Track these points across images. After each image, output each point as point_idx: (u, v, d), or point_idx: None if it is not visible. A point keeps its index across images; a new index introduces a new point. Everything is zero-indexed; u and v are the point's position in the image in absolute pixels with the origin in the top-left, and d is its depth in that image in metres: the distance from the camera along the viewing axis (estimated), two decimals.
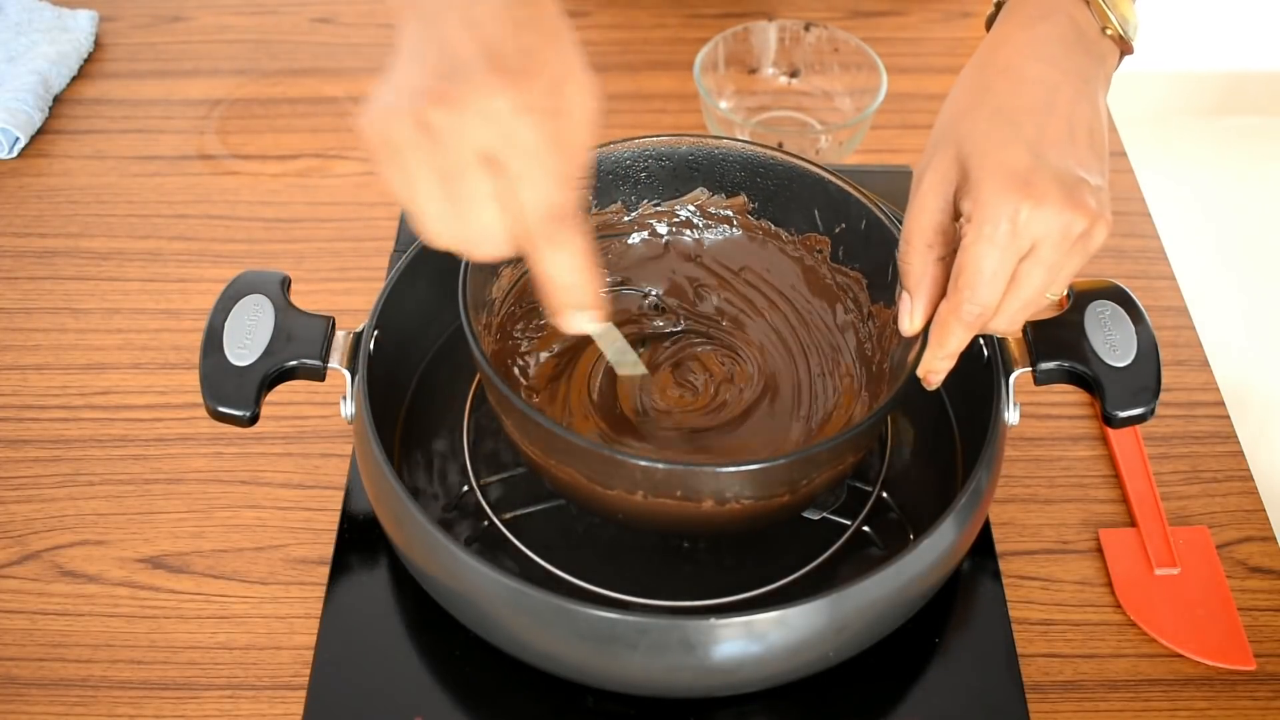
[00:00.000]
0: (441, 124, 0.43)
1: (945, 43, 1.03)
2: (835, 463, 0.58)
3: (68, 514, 0.70)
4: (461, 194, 0.45)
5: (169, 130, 0.94)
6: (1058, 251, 0.52)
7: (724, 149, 0.68)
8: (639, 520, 0.62)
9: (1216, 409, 0.76)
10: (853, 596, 0.55)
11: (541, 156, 0.44)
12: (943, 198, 0.55)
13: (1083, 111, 0.55)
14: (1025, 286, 0.53)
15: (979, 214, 0.52)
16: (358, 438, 0.62)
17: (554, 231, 0.47)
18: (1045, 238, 0.52)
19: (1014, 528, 0.70)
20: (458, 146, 0.44)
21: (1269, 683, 0.64)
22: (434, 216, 0.46)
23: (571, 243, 0.47)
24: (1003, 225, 0.51)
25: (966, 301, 0.53)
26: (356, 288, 0.82)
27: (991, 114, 0.54)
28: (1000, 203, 0.51)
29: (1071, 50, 0.56)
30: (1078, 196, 0.51)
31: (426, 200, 0.46)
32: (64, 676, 0.63)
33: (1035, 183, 0.51)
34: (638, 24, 1.04)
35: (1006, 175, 0.52)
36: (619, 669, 0.56)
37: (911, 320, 0.57)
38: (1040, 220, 0.51)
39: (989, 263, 0.52)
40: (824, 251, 0.69)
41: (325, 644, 0.63)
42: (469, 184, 0.45)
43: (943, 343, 0.55)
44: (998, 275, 0.52)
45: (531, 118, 0.44)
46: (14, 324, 0.80)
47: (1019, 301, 0.54)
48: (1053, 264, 0.53)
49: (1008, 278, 0.53)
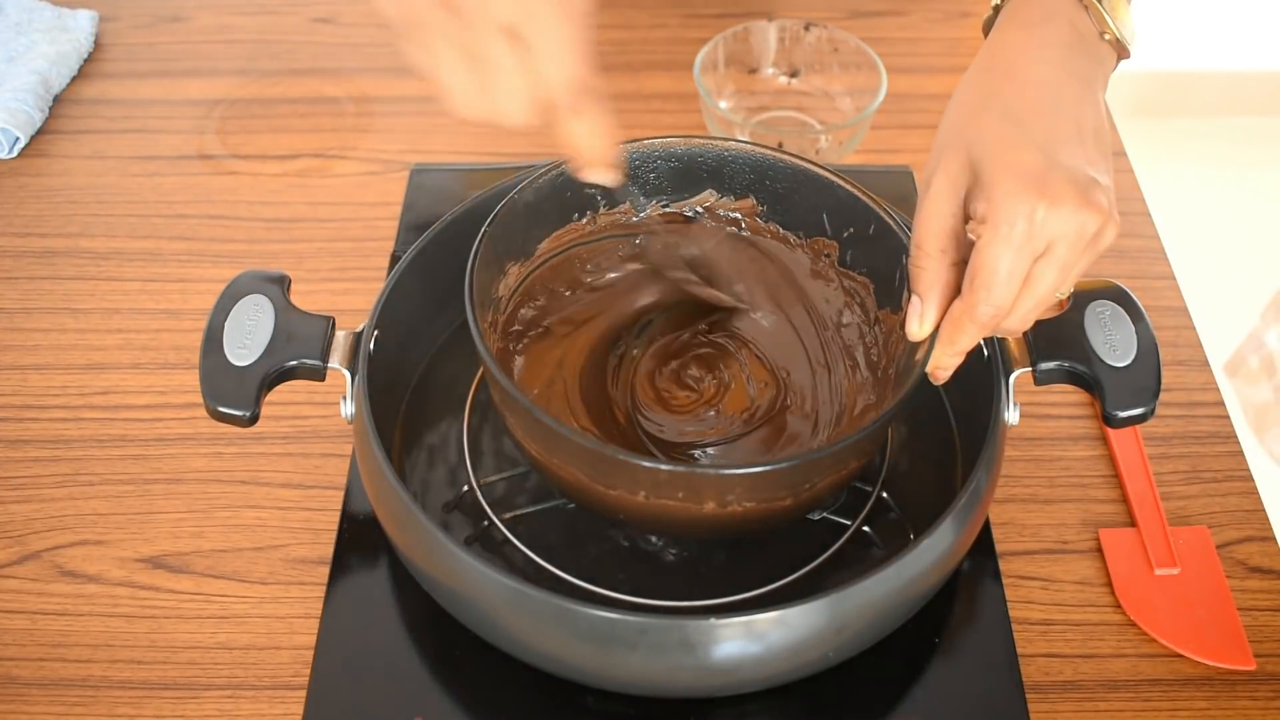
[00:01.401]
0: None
1: (945, 43, 1.03)
2: (838, 468, 0.58)
3: (68, 514, 0.70)
4: (485, 66, 0.48)
5: (169, 130, 0.94)
6: (1073, 251, 0.53)
7: (733, 151, 0.68)
8: (640, 521, 0.62)
9: (1216, 409, 0.76)
10: (853, 596, 0.55)
11: (561, 28, 0.48)
12: (953, 201, 0.55)
13: (1088, 112, 0.55)
14: (1039, 286, 0.53)
15: (995, 215, 0.52)
16: (358, 438, 0.62)
17: (576, 100, 0.50)
18: (1061, 238, 0.52)
19: (1014, 528, 0.70)
20: (481, 20, 0.47)
21: (1269, 683, 0.64)
22: (460, 89, 0.49)
23: (592, 109, 0.51)
24: (1019, 225, 0.51)
25: (982, 302, 0.53)
26: (356, 288, 0.82)
27: (1000, 116, 0.54)
28: (1017, 203, 0.51)
29: (1073, 53, 0.56)
30: (1091, 196, 0.52)
31: (451, 74, 0.49)
32: (64, 676, 0.63)
33: (1050, 183, 0.52)
34: (637, 24, 1.04)
35: (1021, 176, 0.52)
36: (619, 669, 0.56)
37: (922, 324, 0.57)
38: (1056, 221, 0.51)
39: (1005, 263, 0.52)
40: (832, 255, 0.68)
41: (325, 644, 0.63)
42: (492, 56, 0.47)
43: (954, 341, 0.56)
44: (1014, 275, 0.53)
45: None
46: (14, 324, 0.80)
47: (1032, 301, 0.54)
48: (1067, 263, 0.53)
49: (1023, 277, 0.53)
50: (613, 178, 0.55)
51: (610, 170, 0.55)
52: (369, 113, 0.96)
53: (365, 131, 0.94)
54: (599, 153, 0.53)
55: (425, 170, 0.88)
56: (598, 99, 0.51)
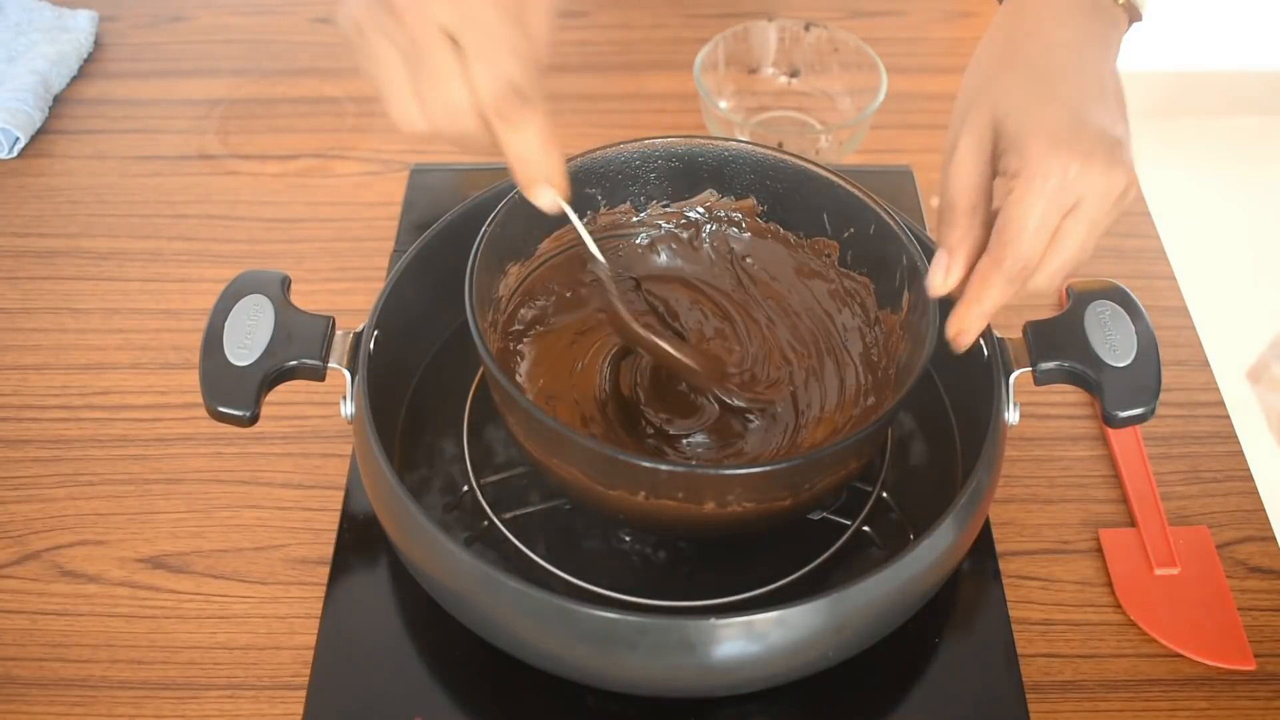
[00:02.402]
0: (402, 2, 0.46)
1: (945, 43, 1.03)
2: (838, 468, 0.58)
3: (68, 514, 0.70)
4: (425, 70, 0.47)
5: (169, 130, 0.94)
6: (1100, 207, 0.53)
7: (734, 151, 0.68)
8: (640, 521, 0.62)
9: (1216, 409, 0.76)
10: (853, 596, 0.55)
11: (499, 33, 0.46)
12: (981, 159, 0.56)
13: (1108, 73, 0.56)
14: (1067, 242, 0.54)
15: (1029, 169, 0.52)
16: (358, 438, 0.62)
17: (513, 109, 0.48)
18: (1090, 194, 0.53)
19: (1014, 528, 0.70)
20: (419, 23, 0.46)
21: (1269, 683, 0.64)
22: (401, 97, 0.48)
23: (532, 120, 0.49)
24: (1052, 180, 0.52)
25: (1010, 256, 0.54)
26: (356, 288, 0.82)
27: (1026, 75, 0.55)
28: (1050, 159, 0.52)
29: (1090, 17, 0.58)
30: (1119, 155, 0.53)
31: (393, 78, 0.48)
32: (64, 676, 0.63)
33: (1082, 141, 0.52)
34: (638, 24, 1.04)
35: (1052, 133, 0.53)
36: (619, 669, 0.56)
37: (947, 277, 0.57)
38: (1088, 178, 0.52)
39: (1036, 215, 0.53)
40: (832, 256, 0.68)
41: (325, 644, 0.63)
42: (432, 60, 0.47)
43: (980, 298, 0.56)
44: (1043, 228, 0.53)
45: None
46: (14, 324, 0.80)
47: (1059, 259, 0.55)
48: (1094, 219, 0.54)
49: (1051, 231, 0.54)
50: (549, 201, 0.52)
51: (547, 190, 0.52)
52: (369, 113, 0.96)
53: (365, 131, 0.94)
54: (540, 168, 0.51)
55: (425, 170, 0.88)
56: (536, 109, 0.49)
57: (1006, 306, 0.54)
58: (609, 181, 0.68)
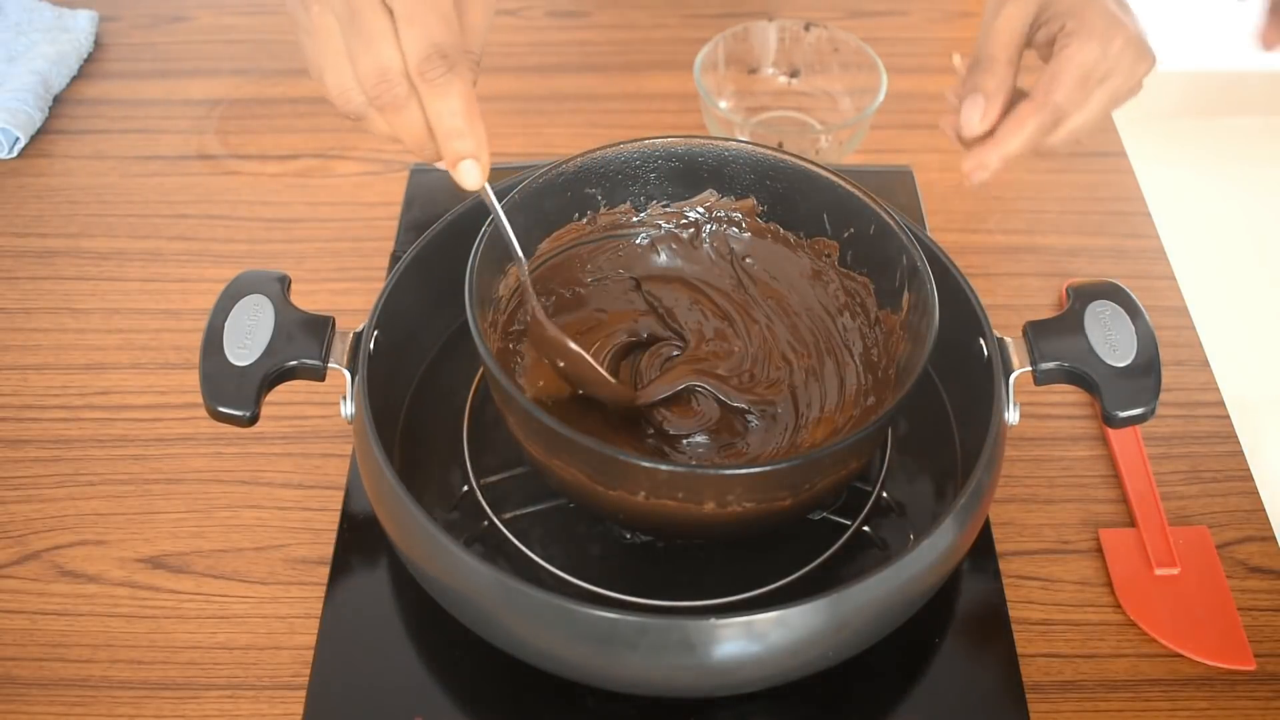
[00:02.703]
0: None
1: (945, 43, 1.03)
2: (838, 468, 0.58)
3: (68, 514, 0.70)
4: (359, 33, 0.47)
5: (169, 130, 0.94)
6: (1125, 84, 0.63)
7: (734, 151, 0.68)
8: (640, 521, 0.62)
9: (1216, 409, 0.76)
10: (853, 596, 0.55)
11: (431, 2, 0.47)
12: (1025, 22, 0.63)
13: None
14: (1092, 104, 0.63)
15: (1084, 30, 0.61)
16: (358, 438, 0.62)
17: (438, 72, 0.48)
18: (1120, 70, 0.62)
19: (1014, 528, 0.70)
20: None
21: (1269, 683, 0.64)
22: (337, 63, 0.49)
23: (455, 87, 0.48)
24: (1100, 48, 0.61)
25: (1052, 104, 0.61)
26: (356, 288, 0.82)
27: None
28: (1104, 30, 0.61)
29: None
30: (1148, 47, 0.63)
31: (329, 44, 0.48)
32: (64, 676, 0.63)
33: (1126, 26, 0.62)
34: (638, 24, 1.04)
35: (1105, 12, 0.62)
36: (619, 669, 0.56)
37: (983, 119, 0.63)
38: (1126, 56, 0.62)
39: (1083, 68, 0.61)
40: (832, 256, 0.69)
41: (325, 644, 0.63)
42: (366, 23, 0.47)
43: (1009, 139, 0.62)
44: (1084, 85, 0.61)
45: None
46: (14, 324, 0.80)
47: (1081, 118, 0.63)
48: (1116, 93, 0.63)
49: (1087, 89, 0.62)
50: (473, 177, 0.50)
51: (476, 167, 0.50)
52: None
53: (365, 131, 0.94)
54: (462, 140, 0.49)
55: (425, 170, 0.88)
56: (461, 77, 0.48)
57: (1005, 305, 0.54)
58: (609, 181, 0.68)
